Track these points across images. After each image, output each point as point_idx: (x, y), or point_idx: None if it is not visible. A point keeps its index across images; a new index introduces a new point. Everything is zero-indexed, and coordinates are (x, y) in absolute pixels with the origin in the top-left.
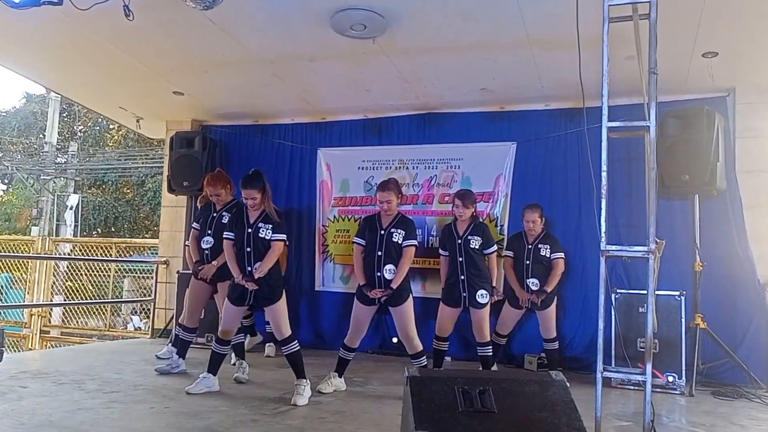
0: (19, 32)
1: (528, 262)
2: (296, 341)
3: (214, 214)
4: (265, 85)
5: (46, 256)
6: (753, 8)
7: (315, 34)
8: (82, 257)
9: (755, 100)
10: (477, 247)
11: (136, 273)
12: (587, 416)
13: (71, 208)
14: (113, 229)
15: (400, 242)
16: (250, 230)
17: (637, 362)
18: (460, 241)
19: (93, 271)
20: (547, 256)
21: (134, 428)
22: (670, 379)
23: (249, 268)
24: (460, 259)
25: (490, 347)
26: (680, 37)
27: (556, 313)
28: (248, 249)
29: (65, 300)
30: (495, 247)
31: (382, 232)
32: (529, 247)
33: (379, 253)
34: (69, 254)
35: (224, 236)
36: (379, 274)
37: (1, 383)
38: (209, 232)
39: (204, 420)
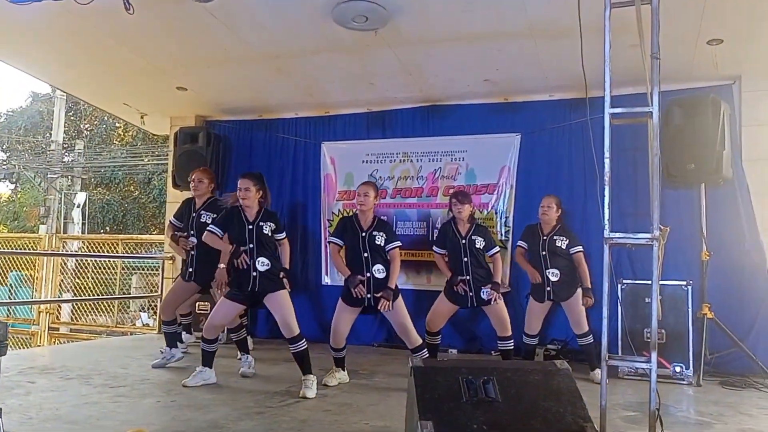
0: (23, 28)
1: (544, 252)
2: (304, 340)
3: (194, 214)
4: (268, 79)
5: (48, 252)
6: None
7: (317, 26)
8: (87, 254)
9: (761, 88)
10: (481, 247)
11: (144, 270)
12: (594, 406)
13: (78, 206)
14: (121, 227)
15: (383, 245)
16: (251, 227)
17: (644, 353)
18: (464, 241)
19: (100, 269)
20: (563, 248)
21: (141, 422)
22: (678, 369)
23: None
24: (465, 259)
25: (512, 341)
26: (685, 24)
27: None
28: (251, 245)
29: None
30: (498, 248)
31: (364, 234)
32: (544, 238)
33: (365, 254)
34: (78, 252)
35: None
36: (368, 274)
37: (9, 379)
38: (192, 232)
39: (210, 413)
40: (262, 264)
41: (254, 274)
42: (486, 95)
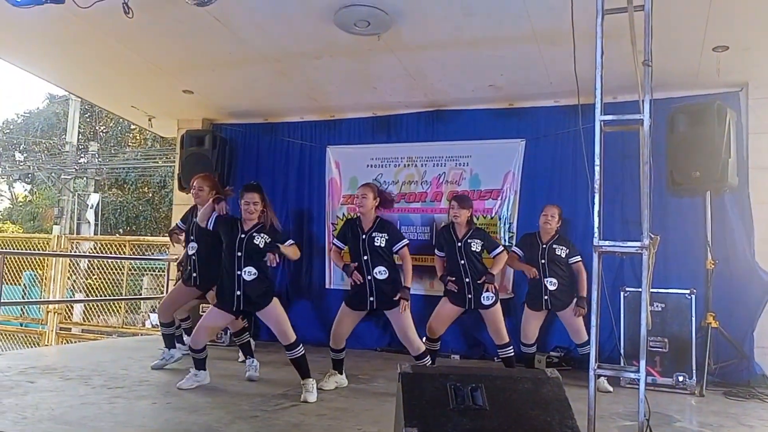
0: (29, 31)
1: (543, 261)
2: (301, 345)
3: (195, 220)
4: (272, 83)
5: (47, 252)
6: (764, 0)
7: (319, 31)
8: (86, 255)
9: None
10: (478, 250)
11: (155, 271)
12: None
13: (91, 207)
14: (134, 228)
15: (383, 245)
16: (243, 236)
17: (633, 362)
18: (459, 244)
19: (109, 270)
20: (563, 256)
21: (134, 423)
22: (681, 378)
23: (238, 273)
24: (462, 261)
25: (511, 348)
26: (689, 31)
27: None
28: (239, 254)
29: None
30: (501, 247)
31: (364, 236)
32: (544, 246)
33: (365, 257)
34: (90, 253)
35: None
36: (370, 277)
37: (10, 378)
38: (192, 238)
39: (204, 416)
40: (249, 274)
41: (238, 292)
42: (491, 100)
